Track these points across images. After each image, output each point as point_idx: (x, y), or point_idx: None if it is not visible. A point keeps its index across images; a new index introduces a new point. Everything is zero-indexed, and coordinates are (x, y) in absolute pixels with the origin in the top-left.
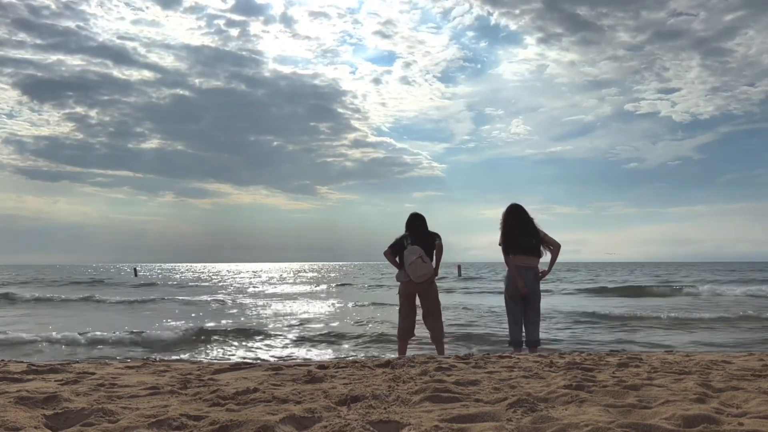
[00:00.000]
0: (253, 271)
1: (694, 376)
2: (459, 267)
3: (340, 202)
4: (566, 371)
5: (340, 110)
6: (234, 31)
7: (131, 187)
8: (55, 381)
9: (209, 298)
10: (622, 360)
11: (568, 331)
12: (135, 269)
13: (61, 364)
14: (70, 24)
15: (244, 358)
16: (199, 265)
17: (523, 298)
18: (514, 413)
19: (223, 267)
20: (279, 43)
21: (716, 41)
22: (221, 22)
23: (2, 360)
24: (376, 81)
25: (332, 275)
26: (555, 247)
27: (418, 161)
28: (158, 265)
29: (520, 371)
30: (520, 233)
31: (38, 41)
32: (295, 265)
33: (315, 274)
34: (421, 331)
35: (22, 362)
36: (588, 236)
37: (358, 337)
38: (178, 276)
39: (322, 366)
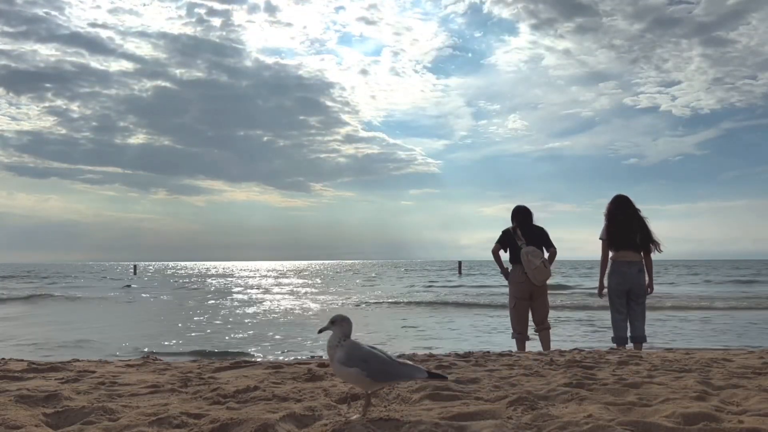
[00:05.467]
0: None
1: (695, 374)
2: (460, 264)
3: (336, 199)
4: (566, 369)
5: (329, 103)
6: (216, 21)
7: (122, 184)
8: (56, 379)
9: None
10: (623, 358)
11: None
12: (135, 266)
13: (62, 363)
14: (42, 11)
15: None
16: (198, 264)
17: (627, 294)
18: (515, 411)
19: (220, 265)
20: (262, 33)
21: (717, 30)
22: (202, 11)
23: (2, 358)
24: (364, 72)
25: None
26: (650, 253)
27: (413, 157)
28: (153, 263)
29: (520, 369)
30: (626, 228)
31: (7, 29)
32: (293, 264)
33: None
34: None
35: (22, 360)
36: (587, 234)
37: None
38: (169, 275)
39: (322, 364)
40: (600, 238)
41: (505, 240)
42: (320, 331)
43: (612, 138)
